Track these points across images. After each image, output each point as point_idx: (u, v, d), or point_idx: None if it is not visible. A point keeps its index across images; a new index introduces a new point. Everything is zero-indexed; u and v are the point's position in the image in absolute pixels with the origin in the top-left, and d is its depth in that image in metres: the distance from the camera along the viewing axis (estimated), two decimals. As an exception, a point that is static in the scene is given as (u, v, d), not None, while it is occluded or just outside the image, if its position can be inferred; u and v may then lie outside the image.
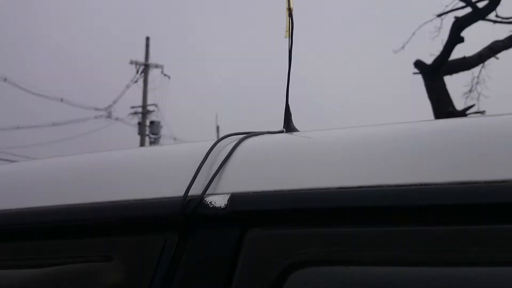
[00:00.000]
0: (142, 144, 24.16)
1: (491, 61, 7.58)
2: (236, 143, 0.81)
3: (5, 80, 23.20)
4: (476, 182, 0.58)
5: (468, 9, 7.09)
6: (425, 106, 7.65)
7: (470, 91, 8.40)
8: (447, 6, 7.29)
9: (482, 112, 7.46)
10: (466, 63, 7.51)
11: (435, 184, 0.60)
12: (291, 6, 1.36)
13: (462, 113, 7.08)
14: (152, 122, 24.40)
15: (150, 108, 24.38)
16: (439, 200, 0.58)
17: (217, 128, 39.98)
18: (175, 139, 30.46)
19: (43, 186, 0.93)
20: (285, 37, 1.37)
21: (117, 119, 24.79)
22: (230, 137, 0.85)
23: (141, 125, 24.16)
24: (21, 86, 23.87)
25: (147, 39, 24.83)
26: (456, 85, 7.90)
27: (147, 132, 24.29)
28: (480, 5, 6.98)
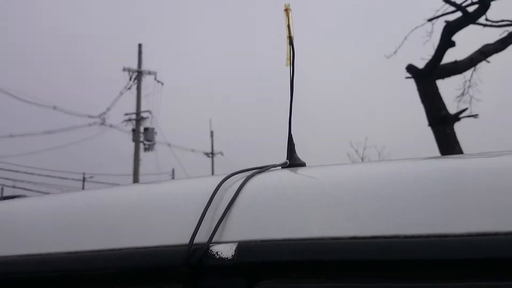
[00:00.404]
0: (136, 150, 24.13)
1: (482, 65, 7.64)
2: (241, 183, 0.78)
3: (-4, 89, 23.07)
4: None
5: (459, 14, 7.15)
6: (419, 110, 7.69)
7: (462, 94, 8.47)
8: (437, 10, 7.35)
9: (475, 116, 7.52)
10: (458, 67, 7.57)
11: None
12: (292, 34, 1.36)
13: (455, 117, 7.13)
14: (146, 129, 24.34)
15: (144, 114, 24.33)
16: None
17: (211, 133, 39.99)
18: (169, 145, 30.42)
19: (34, 230, 0.87)
20: (286, 65, 1.37)
21: (111, 126, 24.74)
22: (236, 175, 0.83)
23: (135, 132, 24.10)
24: (13, 94, 23.79)
25: (140, 46, 24.81)
26: (448, 88, 7.96)
27: (142, 139, 24.25)
28: (470, 9, 7.04)
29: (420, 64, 7.35)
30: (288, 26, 1.40)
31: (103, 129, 24.78)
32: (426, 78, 7.25)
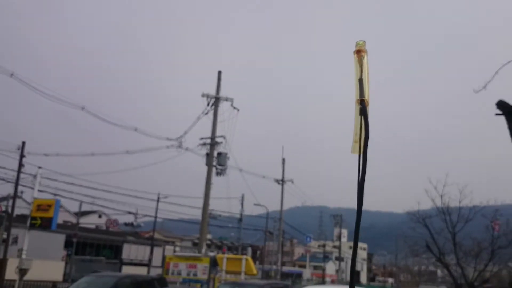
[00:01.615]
0: (208, 174, 24.68)
1: None
2: None
3: (82, 108, 24.81)
4: None
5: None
6: (508, 149, 7.18)
7: (559, 135, 7.80)
8: (533, 45, 6.90)
9: None
10: (554, 105, 7.01)
11: None
12: (365, 97, 1.30)
13: (551, 159, 6.57)
14: (219, 154, 24.86)
15: (218, 139, 24.92)
16: None
17: (283, 160, 40.12)
18: (241, 170, 30.89)
19: None
20: (355, 142, 1.33)
21: (187, 149, 25.58)
22: None
23: (209, 156, 24.71)
24: (98, 115, 25.44)
25: (219, 72, 25.67)
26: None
27: (214, 163, 24.80)
28: None
29: (512, 101, 6.90)
30: (360, 77, 1.33)
31: (179, 151, 25.66)
32: (518, 116, 6.77)
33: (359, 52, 1.35)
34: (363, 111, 1.22)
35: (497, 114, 7.13)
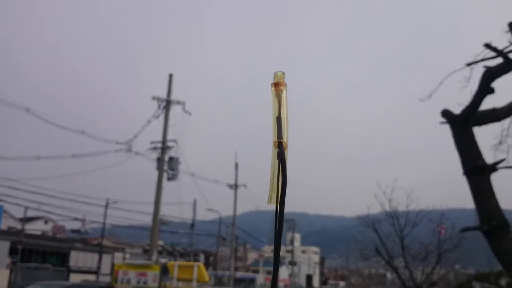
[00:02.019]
0: (159, 179, 24.12)
1: (522, 113, 7.26)
2: None
3: (27, 110, 23.68)
4: None
5: (499, 60, 6.86)
6: (453, 156, 7.33)
7: (500, 143, 8.06)
8: (477, 55, 7.07)
9: (514, 167, 7.09)
10: (496, 115, 7.22)
11: None
12: (283, 113, 1.14)
13: (492, 167, 6.74)
14: (171, 158, 24.39)
15: (169, 144, 24.45)
16: None
17: (236, 165, 39.98)
18: (193, 175, 30.42)
19: None
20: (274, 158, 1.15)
21: (136, 153, 24.92)
22: None
23: (159, 160, 24.17)
24: (43, 117, 24.35)
25: (170, 76, 25.21)
26: (485, 136, 7.59)
27: (166, 168, 24.28)
28: (512, 55, 6.74)
29: (457, 110, 7.05)
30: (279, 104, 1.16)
31: (128, 155, 24.97)
32: (462, 124, 6.93)
33: (277, 85, 1.17)
34: (280, 156, 1.04)
35: (441, 123, 7.27)
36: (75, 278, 40.51)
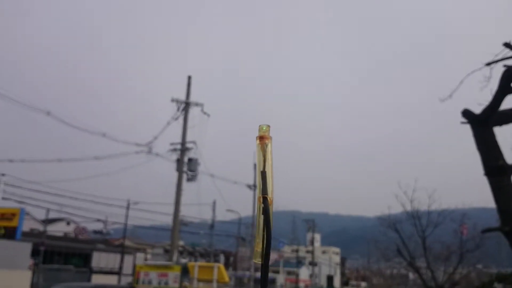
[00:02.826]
0: (179, 180, 24.34)
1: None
2: None
3: (48, 113, 24.14)
4: None
5: (520, 58, 6.77)
6: (474, 156, 7.25)
7: (522, 142, 7.94)
8: (496, 55, 6.98)
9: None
10: (517, 114, 7.12)
11: None
12: (268, 167, 1.13)
13: (514, 167, 6.65)
14: (190, 159, 24.56)
15: (189, 145, 24.62)
16: None
17: (254, 165, 40.05)
18: (212, 176, 30.60)
19: None
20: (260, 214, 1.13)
21: (157, 154, 25.18)
22: None
23: (179, 161, 24.37)
24: (64, 120, 24.80)
25: (189, 78, 25.39)
26: (506, 136, 7.50)
27: (185, 169, 24.48)
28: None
29: (477, 110, 6.98)
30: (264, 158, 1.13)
31: (149, 157, 25.24)
32: (482, 124, 6.85)
33: (262, 139, 1.15)
34: (265, 212, 1.03)
35: (462, 123, 7.21)
36: (97, 279, 41.10)
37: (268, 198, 1.05)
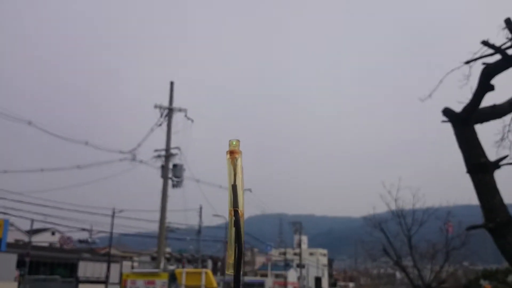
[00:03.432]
0: (164, 187, 24.17)
1: (523, 109, 7.25)
2: None
3: (29, 123, 23.82)
4: None
5: (498, 56, 6.87)
6: (456, 154, 7.34)
7: (502, 139, 8.06)
8: (475, 53, 7.07)
9: (517, 163, 7.08)
10: (497, 111, 7.22)
11: None
12: (238, 181, 1.15)
13: (495, 164, 6.73)
14: (175, 165, 24.42)
15: (173, 151, 24.48)
16: None
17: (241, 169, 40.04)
18: (198, 181, 30.44)
19: None
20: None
21: (141, 161, 24.99)
22: None
23: (164, 168, 24.21)
24: (46, 129, 24.47)
25: (171, 83, 25.27)
26: (487, 133, 7.60)
27: (170, 175, 24.32)
28: (510, 51, 6.75)
29: (457, 108, 7.05)
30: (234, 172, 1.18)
31: (133, 164, 25.03)
32: (463, 122, 6.93)
33: (232, 154, 1.16)
34: (236, 224, 1.04)
35: (443, 121, 7.28)
36: (84, 288, 40.57)
37: (239, 211, 1.07)
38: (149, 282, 19.95)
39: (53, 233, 61.35)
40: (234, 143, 1.15)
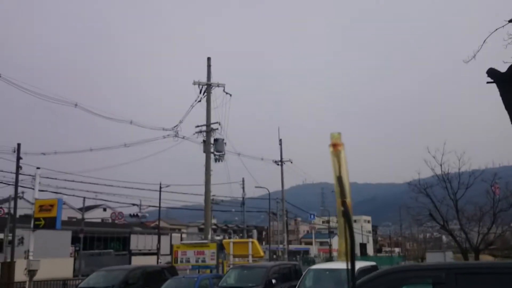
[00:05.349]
0: (207, 161, 24.71)
1: None
2: None
3: (75, 105, 24.72)
4: None
5: (545, 12, 6.62)
6: (503, 116, 7.21)
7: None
8: (520, 10, 6.83)
9: None
10: (545, 68, 6.98)
11: None
12: None
13: (544, 124, 6.57)
14: (216, 140, 24.82)
15: (213, 126, 24.84)
16: None
17: (280, 141, 40.14)
18: (239, 155, 30.93)
19: None
20: None
21: (183, 138, 25.56)
22: None
23: (206, 143, 24.67)
24: (91, 110, 25.35)
25: (209, 59, 25.43)
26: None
27: (212, 150, 24.79)
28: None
29: (503, 68, 6.88)
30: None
31: (176, 141, 25.64)
32: (509, 82, 6.76)
33: (335, 146, 1.13)
34: (346, 215, 1.09)
35: (488, 82, 7.12)
36: (137, 260, 42.47)
37: (347, 202, 1.06)
38: (199, 253, 20.67)
39: (104, 209, 64.11)
40: (336, 135, 1.10)
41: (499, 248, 28.61)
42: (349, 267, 1.16)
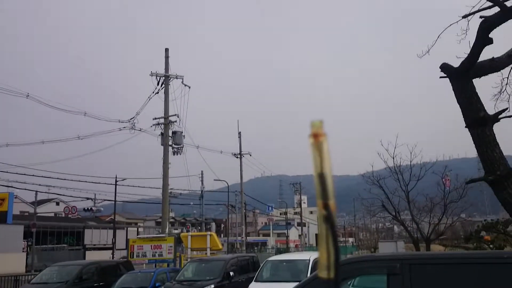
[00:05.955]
0: (165, 154, 24.33)
1: (521, 61, 7.30)
2: None
3: (27, 96, 23.71)
4: None
5: (496, 9, 6.85)
6: (455, 109, 7.43)
7: (500, 92, 8.15)
8: (473, 6, 7.05)
9: (515, 115, 7.19)
10: (495, 65, 7.25)
11: None
12: None
13: (494, 118, 6.83)
14: (174, 133, 24.46)
15: (172, 118, 24.46)
16: None
17: (239, 134, 40.09)
18: (197, 147, 30.65)
19: None
20: None
21: (140, 130, 25.04)
22: None
23: (163, 135, 24.27)
24: (44, 101, 24.37)
25: (166, 50, 24.94)
26: (485, 87, 7.66)
27: (170, 142, 24.41)
28: (509, 4, 6.73)
29: (455, 63, 7.09)
30: None
31: (133, 133, 25.09)
32: (462, 77, 6.97)
33: (316, 136, 0.93)
34: (329, 219, 0.85)
35: (441, 77, 7.32)
36: (91, 255, 41.44)
37: (330, 204, 0.86)
38: (156, 247, 20.36)
39: (57, 203, 62.07)
40: (317, 123, 0.93)
41: (449, 238, 29.82)
42: (334, 282, 0.95)
